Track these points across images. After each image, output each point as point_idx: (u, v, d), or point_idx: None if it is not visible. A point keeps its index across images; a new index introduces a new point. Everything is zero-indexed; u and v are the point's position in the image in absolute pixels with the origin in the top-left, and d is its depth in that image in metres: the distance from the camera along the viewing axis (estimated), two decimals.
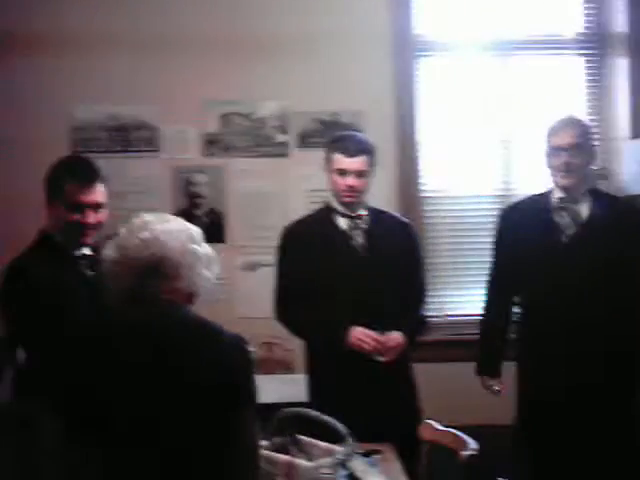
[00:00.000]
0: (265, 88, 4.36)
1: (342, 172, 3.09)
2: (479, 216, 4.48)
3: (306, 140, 4.37)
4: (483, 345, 3.43)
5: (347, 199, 3.11)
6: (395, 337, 3.00)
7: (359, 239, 3.14)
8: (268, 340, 4.19)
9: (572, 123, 3.25)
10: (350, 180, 3.07)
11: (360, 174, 3.08)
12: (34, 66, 4.44)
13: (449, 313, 4.46)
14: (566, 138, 3.18)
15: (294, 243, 3.16)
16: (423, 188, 4.46)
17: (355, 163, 3.07)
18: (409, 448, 2.91)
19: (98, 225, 2.67)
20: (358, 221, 3.16)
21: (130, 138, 4.41)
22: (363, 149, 3.10)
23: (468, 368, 3.49)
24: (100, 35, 4.40)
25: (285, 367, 4.13)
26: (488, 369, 3.41)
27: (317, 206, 3.30)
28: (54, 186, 2.65)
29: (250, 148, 4.39)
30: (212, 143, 4.39)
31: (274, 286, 3.18)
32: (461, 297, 4.49)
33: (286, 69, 4.36)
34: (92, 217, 2.63)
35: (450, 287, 4.50)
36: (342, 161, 3.08)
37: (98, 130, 4.41)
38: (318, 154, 3.41)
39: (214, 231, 4.22)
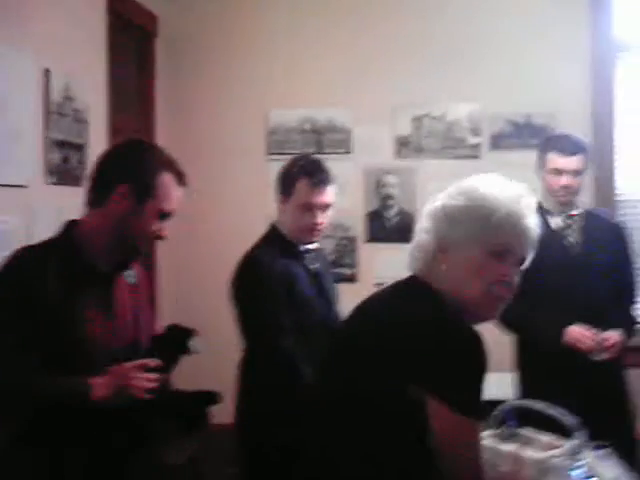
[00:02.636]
0: (456, 90, 4.42)
1: (558, 171, 3.11)
2: None
3: (499, 142, 4.39)
4: None
5: (562, 198, 3.12)
6: (613, 336, 2.98)
7: (571, 238, 3.14)
8: None
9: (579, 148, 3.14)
10: (565, 179, 3.09)
11: (576, 173, 3.10)
12: (231, 72, 4.68)
13: None
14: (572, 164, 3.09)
15: None
16: (619, 191, 4.38)
17: (572, 162, 3.09)
18: (625, 448, 2.86)
19: (324, 225, 2.78)
20: (570, 221, 3.16)
21: (323, 140, 4.56)
22: (579, 148, 3.11)
23: None
24: (290, 40, 4.60)
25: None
26: None
27: None
28: (287, 184, 2.77)
29: (441, 150, 4.45)
30: (403, 145, 4.48)
31: None
32: None
33: (478, 71, 4.41)
34: (321, 217, 2.74)
35: None
36: (558, 161, 3.10)
37: (292, 133, 4.59)
38: (511, 156, 3.39)
39: (403, 232, 4.28)
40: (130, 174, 1.98)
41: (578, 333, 2.97)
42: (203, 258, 4.54)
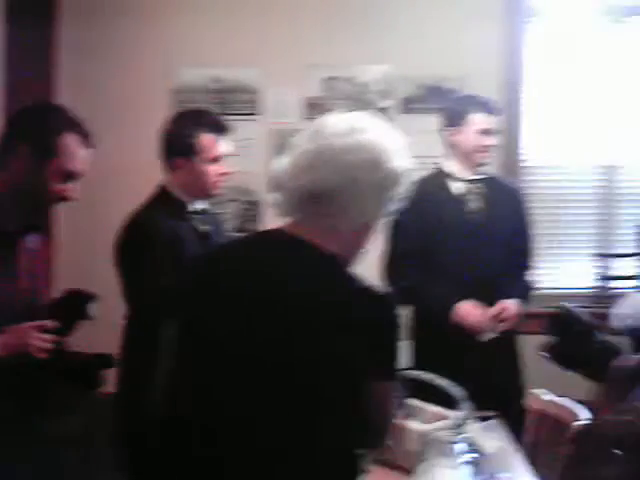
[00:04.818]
0: (368, 52, 4.31)
1: (485, 132, 3.05)
2: (580, 187, 4.42)
3: (409, 105, 4.32)
4: None
5: (485, 160, 3.08)
6: (509, 306, 2.96)
7: (472, 204, 3.10)
8: None
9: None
10: (492, 139, 3.05)
11: (497, 134, 3.07)
12: (136, 29, 4.49)
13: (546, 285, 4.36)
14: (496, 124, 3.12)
15: (406, 207, 3.12)
16: (525, 157, 4.36)
17: (496, 122, 3.06)
18: (514, 417, 2.87)
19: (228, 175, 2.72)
20: (472, 186, 3.12)
21: (230, 101, 4.42)
22: (498, 108, 3.09)
23: None
24: None
25: None
26: None
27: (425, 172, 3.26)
28: (186, 143, 2.63)
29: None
30: (313, 107, 4.37)
31: (385, 249, 3.16)
32: (559, 270, 4.42)
33: (390, 32, 4.29)
34: (226, 167, 2.67)
35: (548, 259, 4.39)
36: (486, 120, 3.04)
37: (199, 93, 4.43)
38: (421, 120, 3.32)
39: None
40: (30, 134, 2.02)
41: (467, 312, 2.94)
42: (104, 224, 4.37)
